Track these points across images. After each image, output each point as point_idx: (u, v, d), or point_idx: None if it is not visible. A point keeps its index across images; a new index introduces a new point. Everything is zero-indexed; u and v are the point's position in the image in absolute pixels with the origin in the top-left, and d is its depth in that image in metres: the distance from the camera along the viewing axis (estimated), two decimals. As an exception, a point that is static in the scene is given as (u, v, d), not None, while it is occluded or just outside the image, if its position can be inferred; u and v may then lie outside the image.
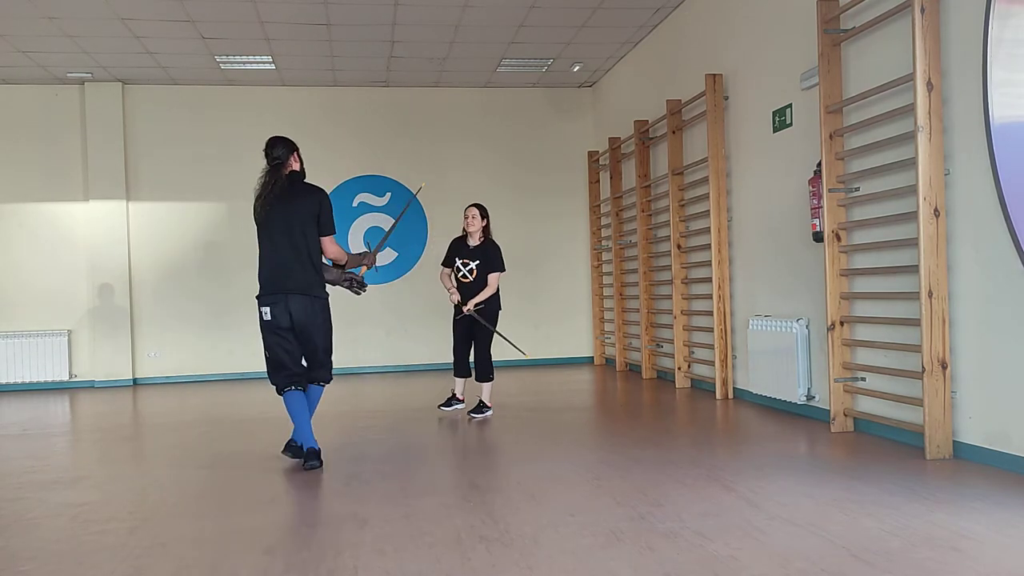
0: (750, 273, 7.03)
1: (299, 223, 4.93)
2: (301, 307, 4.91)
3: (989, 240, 4.35)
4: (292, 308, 4.90)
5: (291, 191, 4.95)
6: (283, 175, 4.99)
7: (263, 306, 4.93)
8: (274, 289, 4.91)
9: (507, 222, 11.04)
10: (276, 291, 4.91)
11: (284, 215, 4.92)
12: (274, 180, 4.96)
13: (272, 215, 4.93)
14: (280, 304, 4.90)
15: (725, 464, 4.65)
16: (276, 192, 4.93)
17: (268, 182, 4.96)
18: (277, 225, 4.93)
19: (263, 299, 4.95)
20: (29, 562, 3.32)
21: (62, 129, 10.34)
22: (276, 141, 5.05)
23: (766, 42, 6.62)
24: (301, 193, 4.99)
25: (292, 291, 4.89)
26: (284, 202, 4.92)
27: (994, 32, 4.16)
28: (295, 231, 4.92)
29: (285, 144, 5.04)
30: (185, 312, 10.56)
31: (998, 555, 3.03)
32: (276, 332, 4.94)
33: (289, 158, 5.02)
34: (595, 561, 3.07)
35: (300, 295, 4.91)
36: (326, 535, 3.54)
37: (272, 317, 4.91)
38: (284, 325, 4.93)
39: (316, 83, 10.67)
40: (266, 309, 4.92)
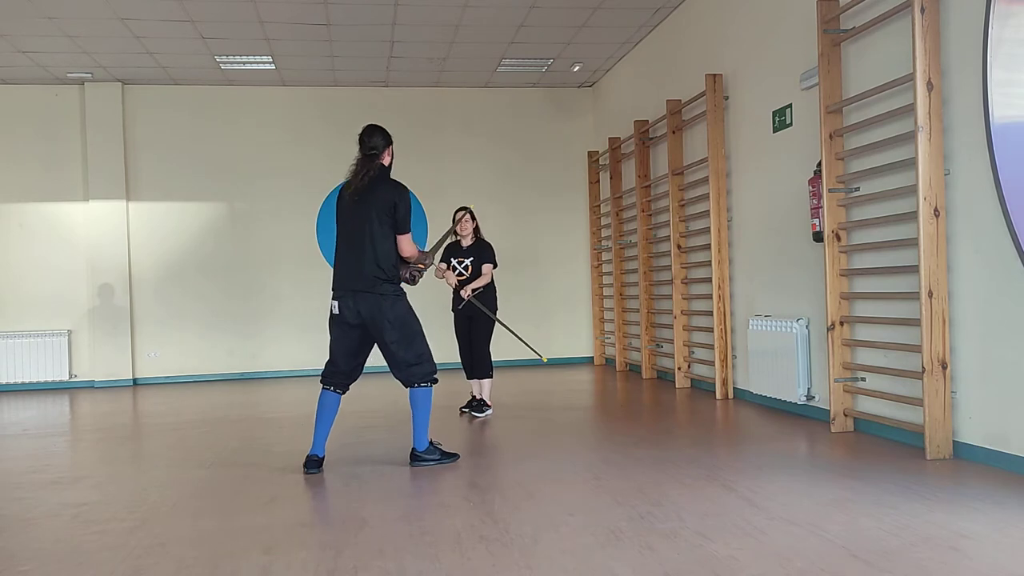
0: (750, 273, 7.03)
1: (376, 219, 4.75)
2: (368, 305, 4.76)
3: (989, 240, 4.35)
4: (360, 308, 4.77)
5: (374, 185, 4.78)
6: (375, 166, 4.80)
7: (333, 300, 4.83)
8: (343, 285, 4.80)
9: (507, 222, 11.06)
10: (345, 287, 4.79)
11: (364, 209, 4.76)
12: (365, 171, 4.78)
13: (353, 209, 4.78)
14: (348, 300, 4.78)
15: (725, 464, 4.65)
16: (364, 184, 4.76)
17: (359, 172, 4.78)
18: (355, 219, 4.77)
19: (334, 294, 4.84)
20: (29, 562, 3.32)
21: (62, 129, 10.34)
22: (374, 130, 4.87)
23: (766, 42, 6.62)
24: (382, 188, 4.80)
25: (359, 289, 4.75)
26: (367, 196, 4.76)
27: (994, 32, 4.16)
28: (370, 227, 4.75)
29: (383, 135, 4.87)
30: (185, 312, 10.56)
31: (997, 555, 3.03)
32: (340, 327, 4.85)
33: (385, 151, 4.86)
34: (595, 561, 3.07)
35: (367, 293, 4.75)
36: (326, 535, 3.54)
37: (339, 312, 4.81)
38: (351, 322, 4.80)
39: (316, 83, 10.67)
40: (335, 304, 4.82)
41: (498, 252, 7.07)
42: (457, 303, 6.85)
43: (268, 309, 10.75)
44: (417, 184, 11.00)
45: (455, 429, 6.26)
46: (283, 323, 10.79)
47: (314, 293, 10.84)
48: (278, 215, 10.83)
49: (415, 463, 4.91)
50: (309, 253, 10.87)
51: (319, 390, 5.06)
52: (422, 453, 4.93)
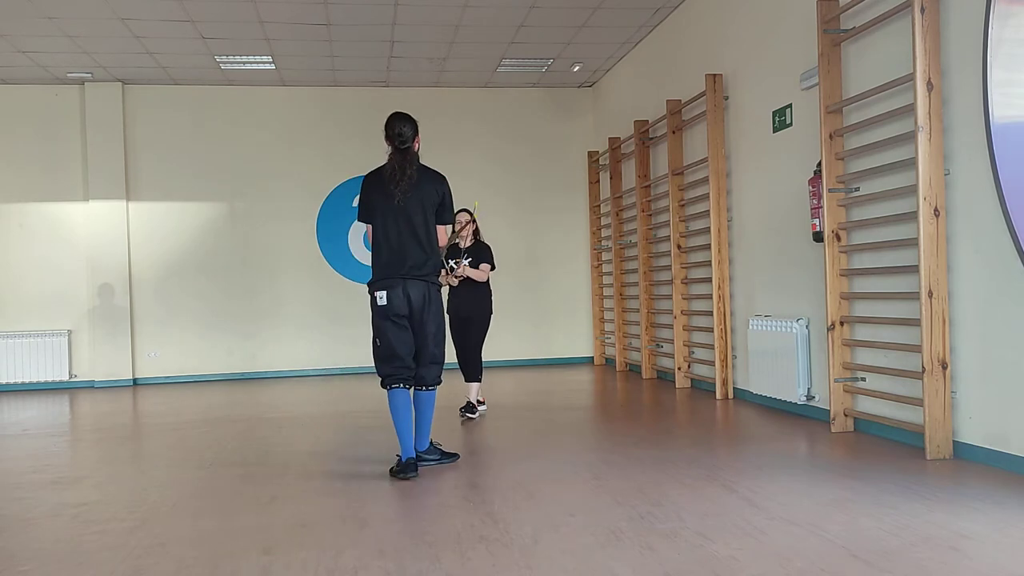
0: (750, 273, 7.03)
1: (424, 209, 4.73)
2: (419, 293, 4.72)
3: (989, 240, 4.35)
4: (411, 293, 4.70)
5: (420, 179, 4.74)
6: (414, 158, 4.76)
7: (378, 291, 4.72)
8: (391, 274, 4.71)
9: (507, 222, 11.06)
10: (393, 275, 4.70)
11: (413, 203, 4.71)
12: (408, 166, 4.71)
13: (401, 198, 4.69)
14: (398, 288, 4.69)
15: (725, 464, 4.65)
16: (409, 176, 4.69)
17: (404, 168, 4.70)
18: (405, 212, 4.70)
19: (378, 284, 4.74)
20: (29, 562, 3.32)
21: (62, 129, 10.34)
22: (403, 118, 4.76)
23: (766, 42, 6.62)
24: (429, 180, 4.79)
25: (410, 276, 4.69)
26: (415, 189, 4.71)
27: (994, 32, 4.16)
28: (419, 217, 4.72)
29: (411, 123, 4.77)
30: (185, 312, 10.56)
31: (997, 555, 3.03)
32: (391, 319, 4.72)
33: (415, 138, 4.79)
34: (595, 561, 3.07)
35: (418, 280, 4.71)
36: (326, 535, 3.54)
37: (388, 302, 4.69)
38: (401, 312, 4.71)
39: (316, 83, 10.67)
40: (382, 294, 4.70)
41: (498, 252, 7.09)
42: (452, 304, 6.84)
43: (268, 309, 10.75)
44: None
45: (455, 429, 6.26)
46: (283, 323, 10.79)
47: (314, 292, 10.86)
48: (278, 215, 10.83)
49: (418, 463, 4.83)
50: (309, 253, 10.88)
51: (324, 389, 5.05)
52: (424, 453, 4.90)
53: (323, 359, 10.87)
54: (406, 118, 4.77)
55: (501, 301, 10.80)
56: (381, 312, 4.73)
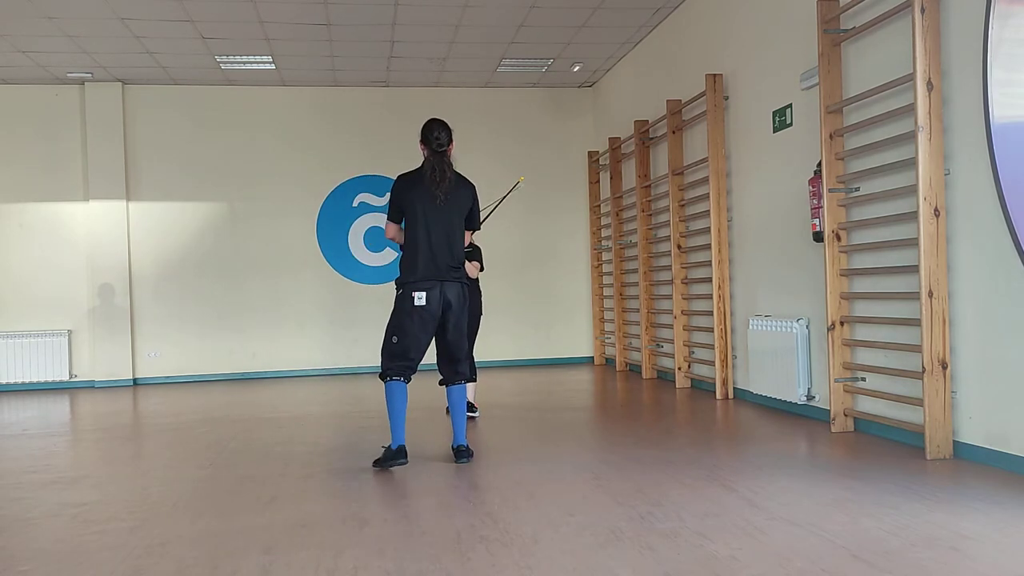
0: (750, 273, 7.03)
1: (458, 214, 4.99)
2: (458, 293, 4.94)
3: (989, 240, 4.35)
4: (448, 294, 4.90)
5: (457, 185, 4.99)
6: (450, 164, 4.97)
7: (417, 291, 4.86)
8: (431, 275, 4.88)
9: (507, 222, 11.05)
10: (433, 277, 4.88)
11: (450, 208, 4.94)
12: (443, 167, 4.92)
13: (441, 203, 4.90)
14: (436, 290, 4.88)
15: (725, 464, 4.65)
16: (449, 180, 4.92)
17: (444, 173, 4.91)
18: (443, 216, 4.92)
19: (418, 285, 4.87)
20: (29, 562, 3.32)
21: (62, 129, 10.34)
22: (442, 125, 4.98)
23: (766, 42, 6.61)
24: (464, 188, 5.06)
25: (448, 279, 4.91)
26: (453, 195, 4.95)
27: (994, 32, 4.16)
28: (457, 219, 4.98)
29: (448, 129, 4.99)
30: (185, 312, 10.57)
31: (998, 555, 3.03)
32: (421, 319, 4.88)
33: (450, 144, 5.00)
34: (595, 561, 3.07)
35: (455, 282, 4.94)
36: (326, 535, 3.54)
37: (427, 303, 4.86)
38: (435, 313, 4.89)
39: (316, 83, 10.67)
40: (421, 295, 4.85)
41: (498, 252, 7.13)
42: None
43: (268, 309, 10.75)
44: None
45: (455, 429, 6.27)
46: (283, 323, 10.79)
47: (314, 292, 10.86)
48: (278, 215, 10.83)
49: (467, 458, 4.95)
50: (309, 253, 10.88)
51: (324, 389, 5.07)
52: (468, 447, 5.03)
53: (323, 359, 10.87)
54: (444, 124, 4.99)
55: (501, 301, 10.87)
56: (412, 311, 4.87)
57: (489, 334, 7.05)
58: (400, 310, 4.92)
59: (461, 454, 4.98)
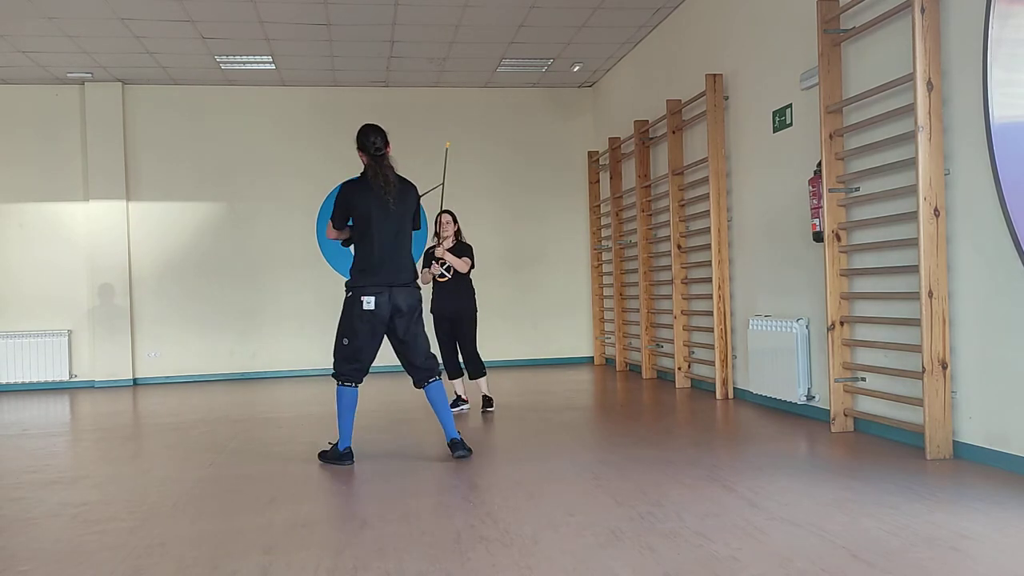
0: (750, 273, 7.03)
1: (407, 217, 5.04)
2: (406, 298, 4.98)
3: (989, 240, 4.35)
4: (398, 299, 4.93)
5: (403, 187, 5.02)
6: (390, 165, 4.99)
7: (367, 296, 4.89)
8: (384, 281, 4.91)
9: (507, 222, 11.07)
10: (383, 283, 4.91)
11: (400, 210, 4.98)
12: (386, 171, 4.94)
13: (388, 207, 4.92)
14: (385, 295, 4.91)
15: (725, 464, 4.65)
16: (392, 183, 4.94)
17: (381, 173, 4.93)
18: (392, 220, 4.95)
19: (367, 289, 4.90)
20: (29, 562, 3.32)
21: (62, 129, 10.34)
22: (376, 129, 5.02)
23: (766, 42, 6.61)
24: (411, 190, 5.11)
25: (401, 284, 4.95)
26: (401, 197, 4.97)
27: (994, 32, 4.16)
28: (403, 224, 5.02)
29: (382, 133, 5.03)
30: (185, 312, 10.57)
31: (998, 555, 3.03)
32: (371, 323, 4.93)
33: (387, 147, 5.02)
34: (595, 561, 3.07)
35: (406, 287, 4.98)
36: (326, 535, 3.54)
37: (376, 307, 4.89)
38: (384, 318, 4.94)
39: (316, 83, 10.67)
40: (370, 299, 4.88)
41: (498, 252, 7.19)
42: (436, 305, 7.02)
43: (268, 309, 10.75)
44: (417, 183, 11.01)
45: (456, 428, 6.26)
46: (283, 323, 10.79)
47: (314, 293, 10.85)
48: (278, 215, 10.83)
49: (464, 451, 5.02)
50: (309, 253, 10.87)
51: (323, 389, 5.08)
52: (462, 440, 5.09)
53: (323, 359, 10.81)
54: (378, 129, 5.02)
55: (501, 301, 10.87)
56: (364, 316, 4.91)
57: (489, 334, 7.08)
58: (350, 314, 4.95)
59: (456, 447, 5.04)
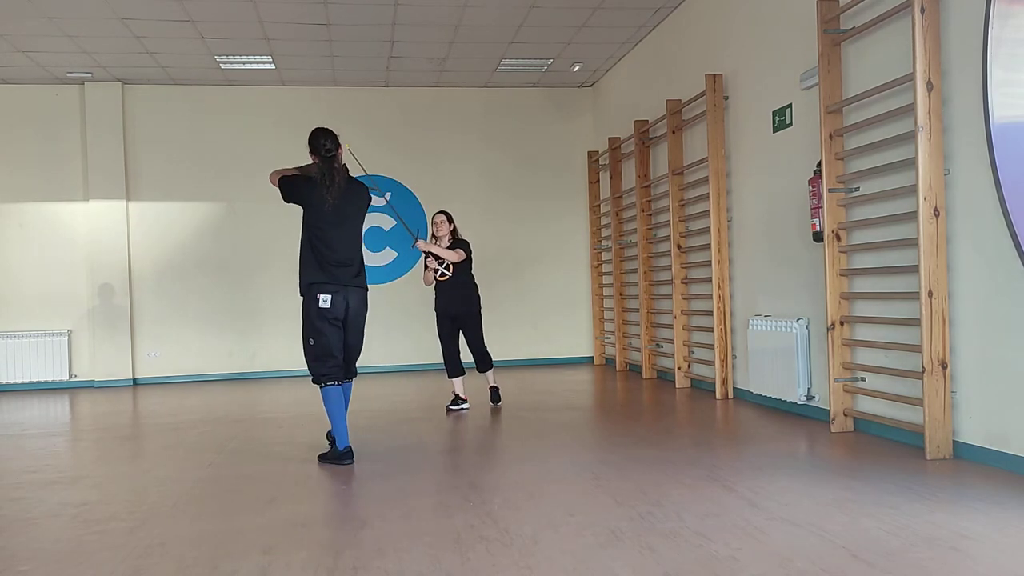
0: (750, 273, 7.03)
1: (355, 216, 5.12)
2: (357, 299, 5.11)
3: (989, 240, 4.35)
4: (350, 299, 5.05)
5: (350, 186, 5.07)
6: (338, 168, 5.04)
7: (323, 294, 4.96)
8: (335, 279, 5.00)
9: (507, 222, 11.07)
10: (337, 282, 5.00)
11: (348, 210, 5.04)
12: (334, 173, 5.00)
13: (337, 208, 4.98)
14: (340, 295, 5.01)
15: (725, 464, 4.64)
16: (339, 185, 4.99)
17: (329, 174, 4.98)
18: (340, 218, 5.02)
19: (324, 287, 4.97)
20: (29, 562, 3.32)
21: (62, 129, 10.34)
22: (327, 133, 5.08)
23: (766, 42, 6.61)
24: (359, 189, 5.16)
25: (351, 284, 5.06)
26: (347, 196, 5.02)
27: (994, 32, 4.16)
28: (354, 225, 5.12)
29: (332, 136, 5.09)
30: (185, 312, 10.56)
31: (998, 555, 3.03)
32: (327, 322, 5.02)
33: (338, 150, 5.09)
34: (595, 561, 3.07)
35: (357, 288, 5.10)
36: (326, 535, 3.54)
37: (332, 306, 4.98)
38: (339, 315, 5.04)
39: (316, 83, 10.67)
40: (326, 298, 4.97)
41: (498, 251, 7.25)
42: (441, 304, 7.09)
43: (268, 309, 10.74)
44: (416, 183, 11.03)
45: (454, 429, 6.27)
46: (283, 323, 10.75)
47: (314, 293, 10.85)
48: (278, 214, 10.76)
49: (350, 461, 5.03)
50: (309, 253, 10.85)
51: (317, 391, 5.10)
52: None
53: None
54: (329, 132, 5.11)
55: (501, 301, 10.86)
56: (321, 314, 5.00)
57: (488, 334, 7.08)
58: (309, 313, 5.02)
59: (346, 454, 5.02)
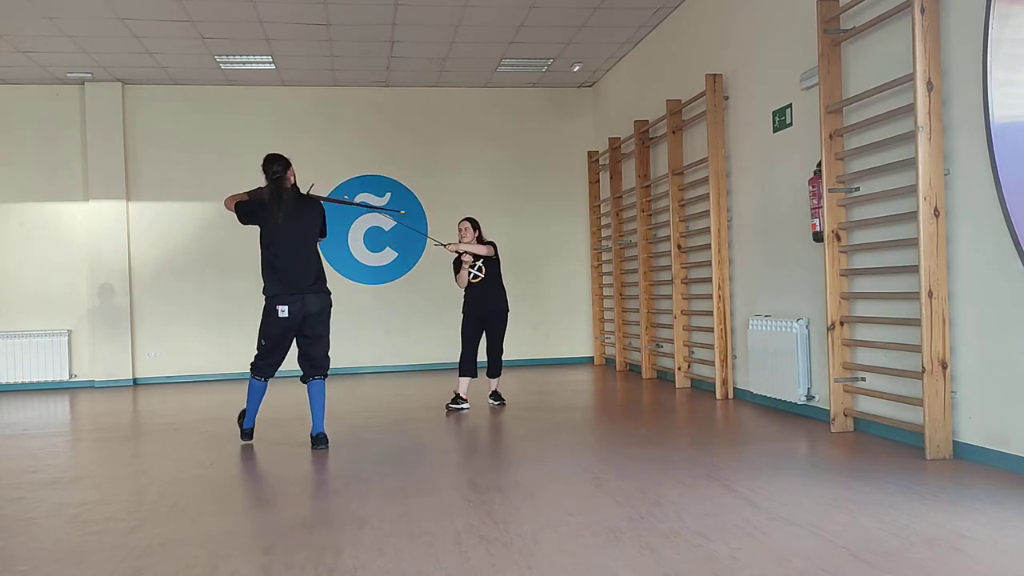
0: (750, 273, 7.03)
1: (307, 231, 5.57)
2: (315, 302, 5.51)
3: (989, 240, 4.35)
4: (307, 304, 5.47)
5: (299, 203, 5.55)
6: (286, 188, 5.53)
7: (280, 304, 5.45)
8: (292, 289, 5.45)
9: (507, 222, 11.06)
10: (294, 291, 5.45)
11: (296, 224, 5.50)
12: (280, 193, 5.49)
13: (287, 224, 5.46)
14: (298, 303, 5.45)
15: (725, 464, 4.65)
16: (286, 203, 5.47)
17: (277, 194, 5.49)
18: (291, 233, 5.49)
19: (281, 298, 5.46)
20: (29, 562, 3.32)
21: (62, 129, 10.34)
22: (274, 158, 5.58)
23: (766, 42, 6.61)
24: (309, 204, 5.63)
25: (308, 291, 5.48)
26: (295, 212, 5.49)
27: (994, 32, 4.16)
28: (307, 238, 5.57)
29: (282, 161, 5.57)
30: (185, 312, 10.56)
31: (998, 555, 3.03)
32: (284, 328, 5.49)
33: (286, 172, 5.54)
34: (595, 561, 3.07)
35: (315, 294, 5.51)
36: (326, 535, 3.54)
37: (289, 315, 5.44)
38: (296, 323, 5.49)
39: (316, 83, 10.67)
40: (284, 308, 5.45)
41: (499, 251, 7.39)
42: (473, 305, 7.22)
43: (268, 309, 10.73)
44: (416, 183, 11.03)
45: (454, 429, 6.27)
46: (283, 323, 10.78)
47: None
48: (278, 215, 10.82)
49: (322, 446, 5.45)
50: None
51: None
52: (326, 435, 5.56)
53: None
54: (278, 157, 5.58)
55: (501, 301, 10.84)
56: (278, 322, 5.47)
57: (489, 332, 7.11)
58: (266, 319, 5.52)
59: (317, 441, 5.48)
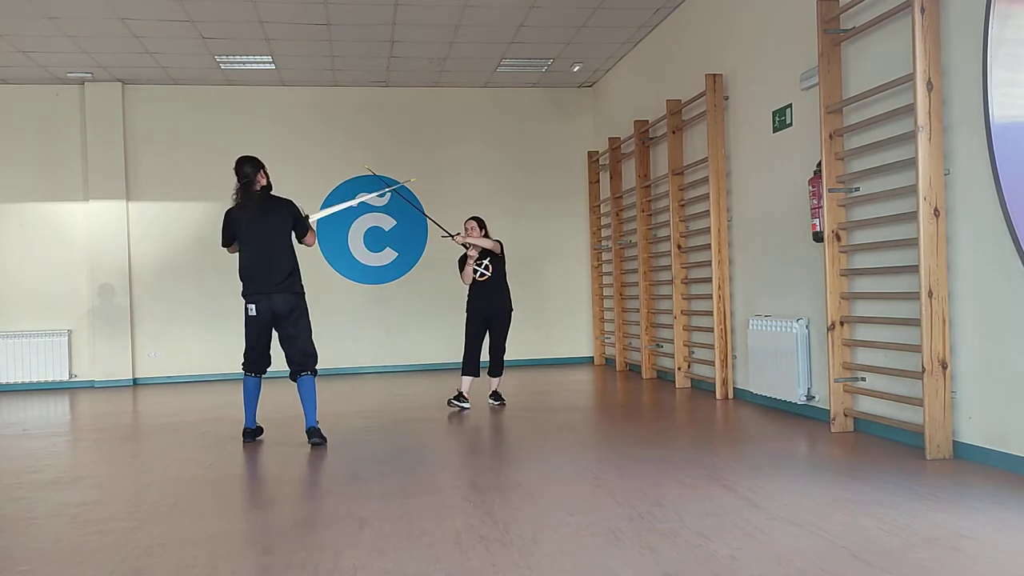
0: (750, 273, 7.03)
1: (277, 230, 5.71)
2: (282, 302, 5.68)
3: (989, 240, 4.35)
4: (275, 304, 5.66)
5: (266, 204, 5.71)
6: (255, 191, 5.71)
7: (249, 303, 5.69)
8: (258, 289, 5.65)
9: (507, 222, 11.05)
10: (260, 291, 5.65)
11: (262, 225, 5.67)
12: (248, 195, 5.70)
13: (252, 226, 5.65)
14: (264, 302, 5.65)
15: (725, 464, 4.65)
16: (252, 205, 5.66)
17: (250, 197, 5.70)
18: (257, 234, 5.66)
19: (251, 297, 5.68)
20: (29, 562, 3.32)
21: (62, 129, 10.34)
22: (244, 160, 5.78)
23: (766, 42, 6.61)
24: (279, 205, 5.79)
25: (274, 291, 5.66)
26: (261, 213, 5.67)
27: (994, 32, 4.16)
28: (274, 238, 5.70)
29: (253, 163, 5.78)
30: (185, 312, 10.56)
31: (998, 555, 3.03)
32: (257, 325, 5.70)
33: (257, 175, 5.75)
34: (595, 561, 3.07)
35: (281, 293, 5.67)
36: (326, 535, 3.54)
37: (257, 313, 5.67)
38: (266, 319, 5.70)
39: (316, 83, 10.67)
40: (252, 306, 5.69)
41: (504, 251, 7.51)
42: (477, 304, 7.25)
43: (268, 309, 10.73)
44: (416, 183, 11.01)
45: (454, 429, 6.27)
46: (283, 323, 10.78)
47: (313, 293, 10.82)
48: (278, 215, 10.82)
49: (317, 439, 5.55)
50: (307, 252, 10.85)
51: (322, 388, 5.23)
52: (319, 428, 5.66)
53: (322, 359, 10.75)
54: (249, 160, 5.81)
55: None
56: (250, 320, 5.71)
57: (489, 332, 7.12)
58: (245, 318, 5.74)
59: (313, 434, 5.58)
